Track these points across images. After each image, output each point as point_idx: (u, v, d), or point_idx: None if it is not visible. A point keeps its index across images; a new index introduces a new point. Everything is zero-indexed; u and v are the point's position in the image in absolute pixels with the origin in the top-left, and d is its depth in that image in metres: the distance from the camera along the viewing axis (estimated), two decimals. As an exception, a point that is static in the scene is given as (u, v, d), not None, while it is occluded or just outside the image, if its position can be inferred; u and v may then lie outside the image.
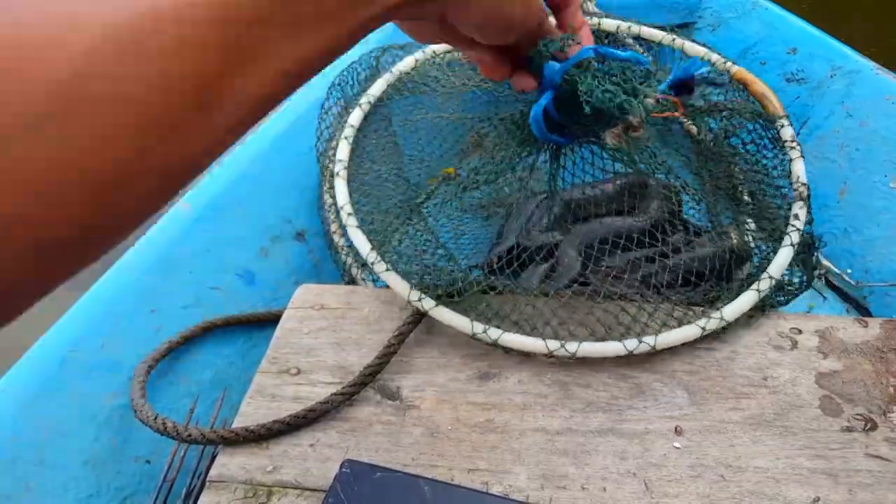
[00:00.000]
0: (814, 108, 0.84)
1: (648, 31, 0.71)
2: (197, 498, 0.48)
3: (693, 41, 0.70)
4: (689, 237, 0.66)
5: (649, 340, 0.51)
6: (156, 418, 0.52)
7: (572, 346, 0.51)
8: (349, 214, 0.60)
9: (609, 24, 0.71)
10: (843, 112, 0.81)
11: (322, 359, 0.56)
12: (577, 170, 0.57)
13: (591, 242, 0.66)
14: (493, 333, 0.52)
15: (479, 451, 0.48)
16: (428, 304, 0.54)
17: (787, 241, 0.55)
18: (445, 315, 0.54)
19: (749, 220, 0.66)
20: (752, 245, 0.63)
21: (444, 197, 0.79)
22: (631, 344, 0.51)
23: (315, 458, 0.49)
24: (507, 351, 0.54)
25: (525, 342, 0.52)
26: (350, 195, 0.62)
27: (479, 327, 0.53)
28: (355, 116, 0.70)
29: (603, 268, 0.64)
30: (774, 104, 0.62)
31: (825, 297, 0.76)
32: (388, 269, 0.56)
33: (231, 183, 0.77)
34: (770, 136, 0.62)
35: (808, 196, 0.56)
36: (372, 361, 0.53)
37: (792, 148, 0.58)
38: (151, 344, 0.62)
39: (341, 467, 0.45)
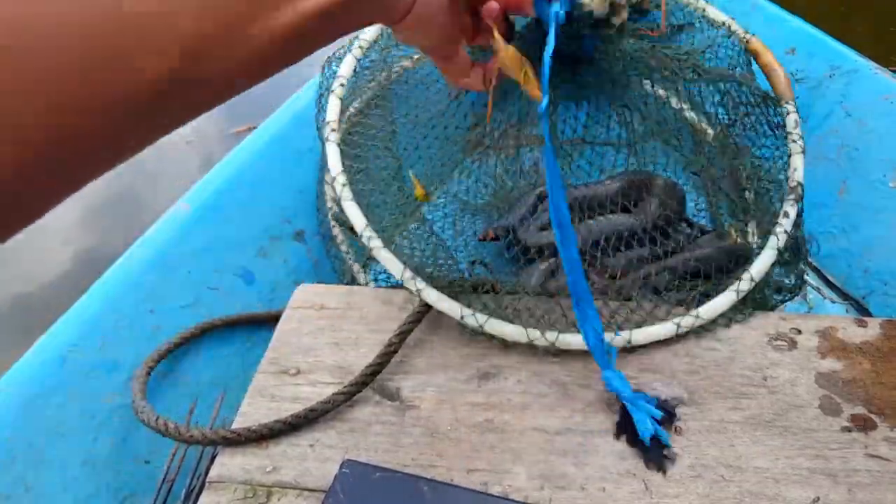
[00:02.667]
0: (812, 107, 0.84)
1: None
2: (197, 498, 0.48)
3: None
4: (691, 236, 0.66)
5: (625, 335, 0.52)
6: (157, 419, 0.52)
7: (551, 336, 0.52)
8: (343, 185, 0.56)
9: None
10: (842, 112, 0.81)
11: (321, 359, 0.56)
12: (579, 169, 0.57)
13: (592, 241, 0.66)
14: (480, 318, 0.52)
15: (478, 451, 0.48)
16: (420, 284, 0.53)
17: (771, 242, 0.53)
18: (434, 297, 0.53)
19: (747, 219, 0.66)
20: (754, 246, 0.63)
21: (446, 195, 0.79)
22: (607, 337, 0.51)
23: (315, 458, 0.49)
24: (491, 339, 0.54)
25: (508, 330, 0.52)
26: (343, 163, 0.58)
27: (466, 311, 0.53)
28: (346, 66, 0.63)
29: (600, 267, 0.64)
30: (782, 81, 0.57)
31: (825, 297, 0.76)
32: (382, 247, 0.54)
33: (230, 183, 0.77)
34: (772, 121, 0.59)
35: (801, 196, 0.54)
36: (373, 360, 0.53)
37: (794, 141, 0.56)
38: (151, 344, 0.62)
39: (341, 467, 0.45)
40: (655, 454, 0.45)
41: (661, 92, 0.74)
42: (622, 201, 0.69)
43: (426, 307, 0.55)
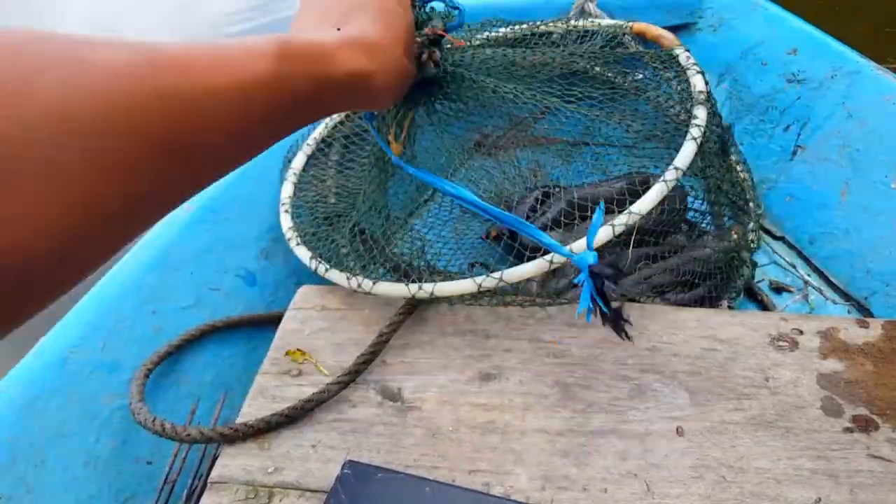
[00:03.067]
0: (814, 108, 0.84)
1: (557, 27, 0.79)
2: (198, 499, 0.48)
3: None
4: (691, 236, 0.66)
5: (496, 275, 0.52)
6: (153, 420, 0.52)
7: (428, 287, 0.54)
8: (289, 239, 0.68)
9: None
10: (843, 113, 0.81)
11: (323, 360, 0.56)
12: (581, 169, 0.60)
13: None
14: (427, 287, 0.54)
15: (480, 452, 0.48)
16: (367, 284, 0.57)
17: (689, 136, 0.56)
18: (383, 288, 0.56)
19: (745, 219, 0.66)
20: (754, 247, 0.63)
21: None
22: (480, 279, 0.53)
23: (316, 458, 0.49)
24: (451, 302, 0.57)
25: (455, 286, 0.54)
26: (293, 221, 0.70)
27: (413, 287, 0.55)
28: (298, 160, 0.79)
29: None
30: (670, 39, 0.68)
31: (826, 298, 0.75)
32: (327, 270, 0.60)
33: (231, 184, 0.77)
34: (674, 69, 0.67)
35: (708, 100, 0.60)
36: (365, 351, 0.53)
37: (689, 68, 0.63)
38: (152, 345, 0.62)
39: (343, 468, 0.45)
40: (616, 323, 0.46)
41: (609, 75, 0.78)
42: (624, 201, 0.69)
43: (418, 300, 0.57)
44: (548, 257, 0.51)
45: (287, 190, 0.75)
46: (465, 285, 0.53)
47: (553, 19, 0.80)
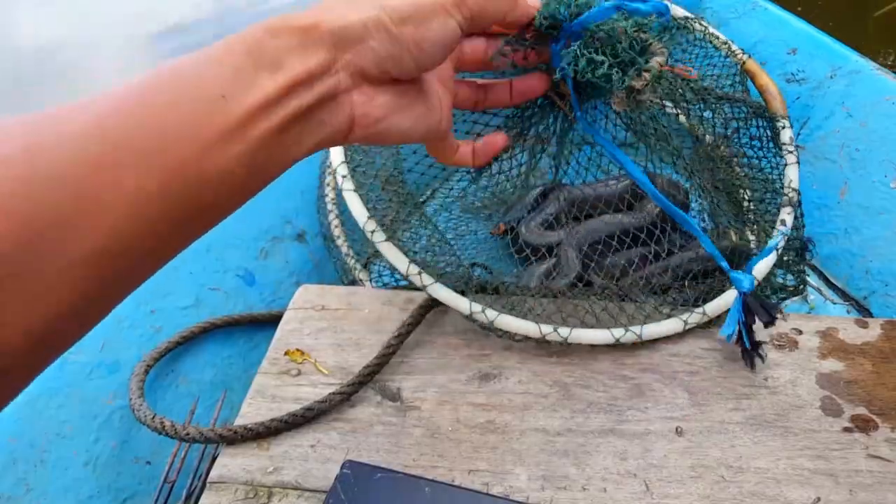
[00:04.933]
0: (814, 108, 0.84)
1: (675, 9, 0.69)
2: (197, 499, 0.48)
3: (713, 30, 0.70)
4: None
5: (636, 330, 0.52)
6: (153, 417, 0.52)
7: (564, 332, 0.51)
8: (344, 177, 0.55)
9: None
10: (843, 112, 0.81)
11: (323, 360, 0.56)
12: (581, 168, 0.57)
13: (592, 241, 0.66)
14: (490, 314, 0.51)
15: (479, 451, 0.48)
16: (427, 279, 0.52)
17: (771, 244, 0.55)
18: (443, 294, 0.52)
19: (739, 222, 0.66)
20: (753, 246, 0.63)
21: (446, 196, 0.79)
22: (618, 332, 0.51)
23: (316, 458, 0.49)
24: (501, 335, 0.53)
25: (520, 325, 0.51)
26: (345, 154, 0.58)
27: (476, 307, 0.51)
28: None
29: (598, 266, 0.64)
30: (776, 100, 0.61)
31: (826, 298, 0.75)
32: (386, 240, 0.52)
33: None
34: (768, 135, 0.62)
35: (798, 203, 0.56)
36: (371, 361, 0.53)
37: (789, 152, 0.58)
38: (152, 344, 0.62)
39: (342, 468, 0.45)
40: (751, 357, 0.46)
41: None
42: (625, 201, 0.69)
43: (426, 308, 0.56)
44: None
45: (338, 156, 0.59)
46: (528, 328, 0.51)
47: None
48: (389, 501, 0.43)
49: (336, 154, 0.58)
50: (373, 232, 0.53)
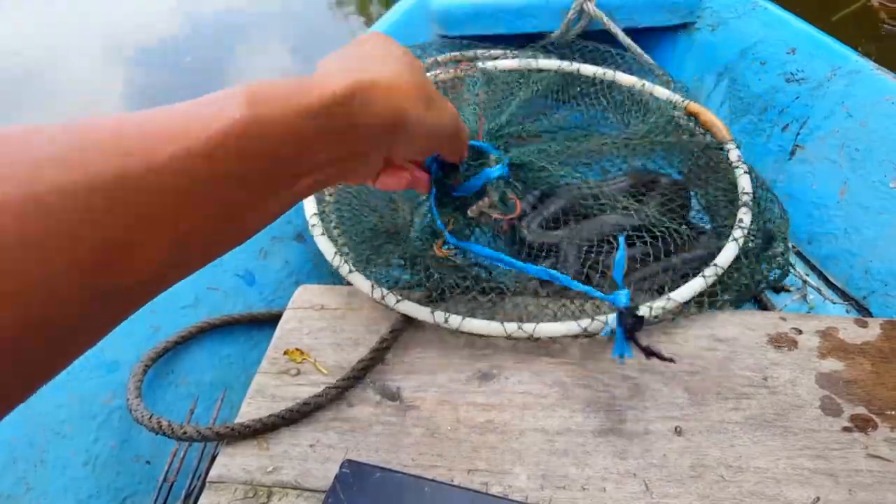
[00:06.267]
0: (814, 108, 0.84)
1: (621, 78, 0.80)
2: (197, 499, 0.48)
3: (662, 85, 0.80)
4: (690, 236, 0.66)
5: (602, 318, 0.53)
6: (150, 417, 0.52)
7: (529, 328, 0.53)
8: (314, 226, 0.65)
9: (587, 70, 0.81)
10: (842, 112, 0.81)
11: (322, 359, 0.56)
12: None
13: (592, 241, 0.66)
14: (454, 321, 0.54)
15: (478, 451, 0.48)
16: (391, 300, 0.56)
17: (731, 237, 0.60)
18: (408, 308, 0.56)
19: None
20: (752, 247, 0.63)
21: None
22: (584, 323, 0.53)
23: (315, 458, 0.49)
24: (472, 336, 0.56)
25: (480, 326, 0.54)
26: (317, 205, 0.67)
27: (440, 316, 0.54)
28: None
29: (597, 266, 0.64)
30: (722, 131, 0.71)
31: (825, 298, 0.75)
32: (350, 272, 0.59)
33: None
34: (722, 158, 0.71)
35: (755, 203, 0.65)
36: (365, 356, 0.53)
37: (737, 167, 0.67)
38: (151, 344, 0.62)
39: (341, 468, 0.45)
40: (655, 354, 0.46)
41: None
42: (628, 200, 0.69)
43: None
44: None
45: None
46: (493, 328, 0.54)
47: (601, 71, 0.80)
48: (389, 501, 0.43)
49: (309, 205, 0.67)
50: (339, 267, 0.60)
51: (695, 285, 0.56)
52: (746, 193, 0.64)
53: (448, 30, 1.02)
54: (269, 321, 0.68)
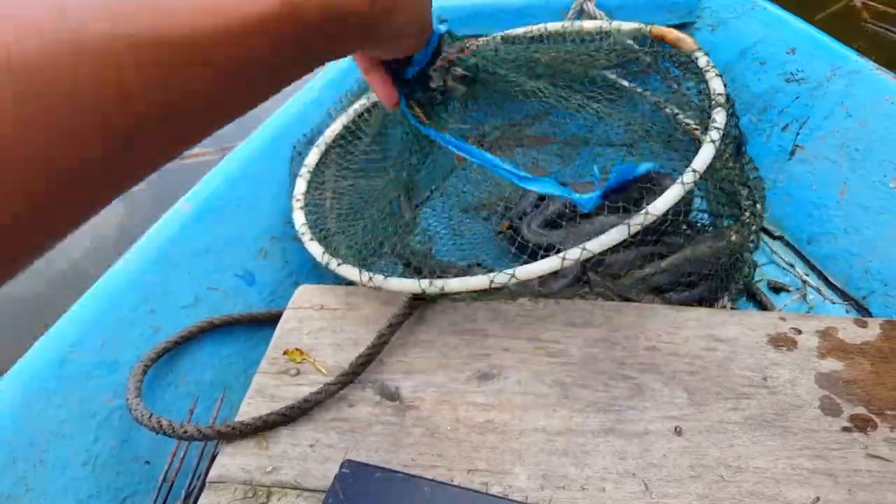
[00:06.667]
0: (813, 108, 0.84)
1: (587, 25, 0.79)
2: (197, 498, 0.48)
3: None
4: (690, 236, 0.66)
5: (509, 272, 0.53)
6: (150, 417, 0.52)
7: (439, 283, 0.55)
8: (303, 235, 0.69)
9: (553, 27, 0.82)
10: (842, 112, 0.81)
11: (322, 359, 0.56)
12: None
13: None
14: (438, 283, 0.55)
15: (478, 451, 0.48)
16: (378, 279, 0.57)
17: (707, 138, 0.58)
18: (394, 283, 0.57)
19: (742, 218, 0.66)
20: (753, 246, 0.63)
21: (442, 195, 0.80)
22: (493, 275, 0.53)
23: (315, 458, 0.49)
24: (455, 298, 0.58)
25: (466, 282, 0.55)
26: (307, 217, 0.71)
27: (424, 283, 0.55)
28: (311, 157, 0.79)
29: (597, 266, 0.64)
30: (689, 43, 0.69)
31: (825, 298, 0.75)
32: (339, 264, 0.61)
33: (231, 183, 0.77)
34: (692, 68, 0.69)
35: (729, 103, 0.62)
36: (363, 352, 0.53)
37: (708, 71, 0.65)
38: (151, 344, 0.62)
39: (341, 468, 0.45)
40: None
41: (624, 83, 0.81)
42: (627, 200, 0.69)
43: (416, 301, 0.57)
44: (560, 255, 0.52)
45: (301, 186, 0.76)
46: (477, 282, 0.54)
47: (568, 22, 0.81)
48: (388, 501, 0.43)
49: (299, 218, 0.70)
50: (327, 264, 0.62)
51: (674, 192, 0.54)
52: (720, 94, 0.63)
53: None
54: (268, 321, 0.68)
